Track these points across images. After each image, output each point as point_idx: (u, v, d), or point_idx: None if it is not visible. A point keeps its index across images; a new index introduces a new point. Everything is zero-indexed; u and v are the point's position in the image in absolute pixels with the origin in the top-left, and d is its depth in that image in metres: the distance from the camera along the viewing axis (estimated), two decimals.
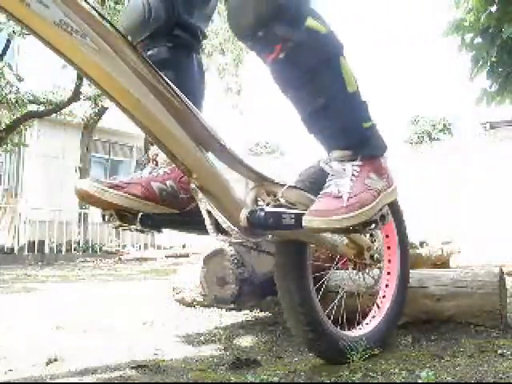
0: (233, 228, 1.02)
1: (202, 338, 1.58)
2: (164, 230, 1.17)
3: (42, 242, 9.22)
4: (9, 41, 9.28)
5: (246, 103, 12.74)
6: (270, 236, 1.16)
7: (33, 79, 10.10)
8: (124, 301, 2.67)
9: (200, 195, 1.01)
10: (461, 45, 5.07)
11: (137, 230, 1.11)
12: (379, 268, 1.43)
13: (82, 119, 10.84)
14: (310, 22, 0.99)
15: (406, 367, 1.14)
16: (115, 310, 2.31)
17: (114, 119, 10.28)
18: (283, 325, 1.74)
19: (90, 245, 10.00)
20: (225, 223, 1.01)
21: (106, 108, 10.23)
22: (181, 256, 8.45)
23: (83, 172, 11.22)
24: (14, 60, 10.78)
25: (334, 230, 1.05)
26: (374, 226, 1.04)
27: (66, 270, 6.26)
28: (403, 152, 10.38)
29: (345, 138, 1.08)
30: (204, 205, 1.02)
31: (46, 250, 9.08)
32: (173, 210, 1.11)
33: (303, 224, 0.98)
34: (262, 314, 2.00)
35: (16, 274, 5.34)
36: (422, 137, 22.55)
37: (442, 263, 3.67)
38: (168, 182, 1.11)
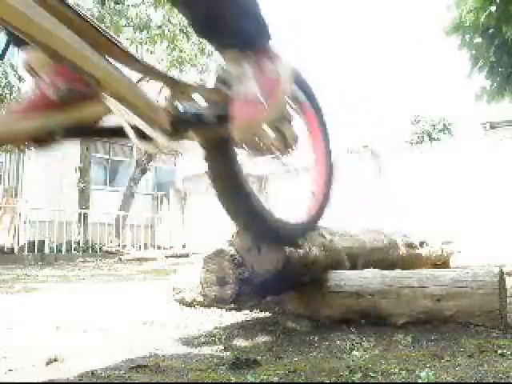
0: (155, 135, 1.01)
1: (201, 338, 1.58)
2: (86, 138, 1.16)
3: (42, 242, 9.22)
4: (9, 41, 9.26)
5: None
6: (192, 138, 1.17)
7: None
8: (124, 301, 2.67)
9: (116, 106, 0.98)
10: (461, 44, 5.07)
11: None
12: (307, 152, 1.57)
13: None
14: None
15: (406, 367, 1.14)
16: (115, 309, 2.31)
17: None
18: (283, 325, 1.74)
19: (90, 245, 10.01)
20: (147, 129, 1.00)
21: None
22: (181, 256, 8.46)
23: (83, 172, 11.23)
24: (13, 60, 10.77)
25: (261, 128, 1.11)
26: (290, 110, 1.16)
27: (66, 270, 6.26)
28: (403, 152, 10.38)
29: (235, 38, 1.09)
30: (122, 114, 1.00)
31: (46, 250, 9.08)
32: (82, 110, 1.07)
33: (234, 132, 1.04)
34: (262, 314, 2.00)
35: (16, 273, 5.34)
36: (422, 137, 22.53)
37: (442, 263, 3.67)
38: (62, 86, 1.06)
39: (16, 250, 9.08)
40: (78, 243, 9.76)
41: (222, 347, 1.44)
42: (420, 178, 9.65)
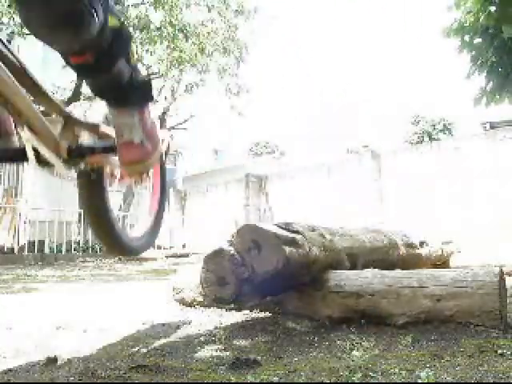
0: (55, 159, 1.23)
1: (201, 338, 1.58)
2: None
3: (42, 242, 9.21)
4: (9, 41, 9.28)
5: (246, 103, 12.74)
6: (82, 164, 1.38)
7: None
8: (124, 301, 2.67)
9: (27, 134, 1.16)
10: (461, 45, 5.07)
11: None
12: (148, 185, 1.88)
13: None
14: (111, 20, 1.09)
15: (405, 367, 1.14)
16: (115, 309, 2.31)
17: None
18: (283, 325, 1.74)
19: (90, 245, 10.00)
20: (49, 156, 1.21)
21: None
22: (181, 256, 8.46)
23: None
24: None
25: (150, 168, 1.39)
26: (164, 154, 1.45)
27: (66, 270, 6.26)
28: (403, 152, 10.38)
29: (124, 100, 1.31)
30: (29, 142, 1.17)
31: (46, 250, 9.07)
32: None
33: (125, 171, 1.31)
34: (262, 314, 2.00)
35: (16, 273, 5.34)
36: (422, 137, 22.54)
37: (442, 263, 3.67)
38: None
39: (16, 250, 9.07)
40: (78, 243, 9.75)
41: (222, 347, 1.44)
42: (420, 177, 9.65)
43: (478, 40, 4.99)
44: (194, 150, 18.47)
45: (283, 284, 1.81)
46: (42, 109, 1.23)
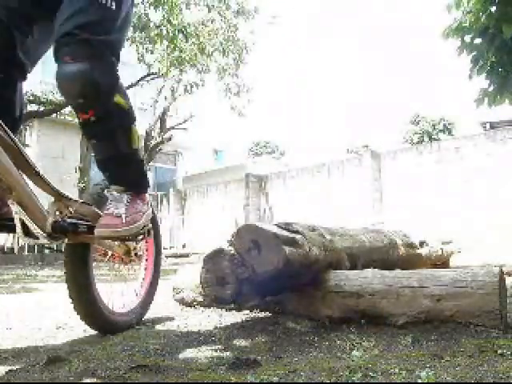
0: (40, 233, 1.33)
1: (201, 338, 1.58)
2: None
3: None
4: None
5: (245, 103, 12.73)
6: (66, 240, 1.49)
7: (33, 79, 10.09)
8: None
9: (16, 208, 1.29)
10: (461, 46, 5.06)
11: None
12: (140, 264, 2.05)
13: None
14: (118, 98, 1.40)
15: (405, 367, 1.14)
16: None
17: None
18: (283, 325, 1.74)
19: None
20: (34, 229, 1.32)
21: None
22: (181, 256, 8.46)
23: (83, 172, 11.22)
24: None
25: (116, 238, 1.52)
26: (141, 237, 1.54)
27: None
28: (403, 152, 10.37)
29: (123, 181, 1.53)
30: (18, 215, 1.30)
31: (46, 250, 9.07)
32: None
33: (96, 233, 1.40)
34: (262, 314, 2.00)
35: (16, 273, 5.34)
36: (422, 137, 22.53)
37: (442, 263, 3.67)
38: None
39: (16, 250, 9.07)
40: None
41: (222, 347, 1.44)
42: (420, 177, 9.65)
43: (478, 40, 4.98)
44: (194, 150, 18.46)
45: (283, 284, 1.81)
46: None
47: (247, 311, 2.06)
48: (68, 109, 10.41)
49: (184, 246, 12.59)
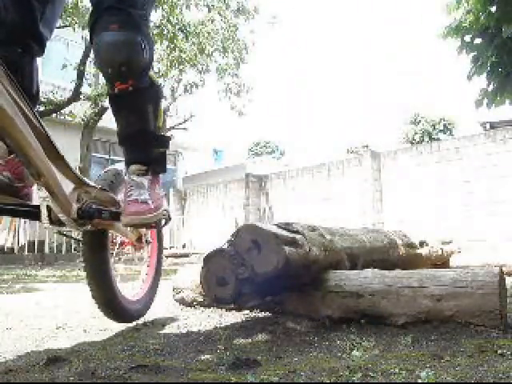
0: (66, 219, 1.34)
1: (201, 338, 1.58)
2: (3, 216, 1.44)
3: (41, 242, 9.21)
4: None
5: (245, 103, 12.72)
6: (89, 226, 1.48)
7: None
8: None
9: (43, 193, 1.28)
10: (461, 46, 5.06)
11: None
12: (146, 251, 2.07)
13: (82, 119, 10.83)
14: (152, 74, 1.44)
15: (405, 367, 1.14)
16: None
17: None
18: (283, 325, 1.74)
19: None
20: (60, 215, 1.32)
21: (106, 108, 10.23)
22: (181, 256, 8.46)
23: (83, 172, 11.21)
24: None
25: (144, 225, 1.48)
26: (164, 221, 1.53)
27: (66, 270, 6.26)
28: (403, 152, 10.37)
29: (146, 156, 1.49)
30: (44, 201, 1.30)
31: (46, 250, 9.07)
32: (10, 197, 1.34)
33: (125, 221, 1.37)
34: (262, 314, 2.00)
35: (16, 273, 5.34)
36: (422, 137, 22.53)
37: (442, 263, 3.67)
38: (4, 173, 1.35)
39: (16, 250, 9.07)
40: (78, 243, 9.76)
41: (222, 347, 1.44)
42: (420, 177, 9.64)
43: (478, 40, 4.98)
44: (194, 149, 18.45)
45: (283, 284, 1.81)
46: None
47: (247, 311, 2.06)
48: (68, 109, 10.41)
49: (184, 246, 12.59)
